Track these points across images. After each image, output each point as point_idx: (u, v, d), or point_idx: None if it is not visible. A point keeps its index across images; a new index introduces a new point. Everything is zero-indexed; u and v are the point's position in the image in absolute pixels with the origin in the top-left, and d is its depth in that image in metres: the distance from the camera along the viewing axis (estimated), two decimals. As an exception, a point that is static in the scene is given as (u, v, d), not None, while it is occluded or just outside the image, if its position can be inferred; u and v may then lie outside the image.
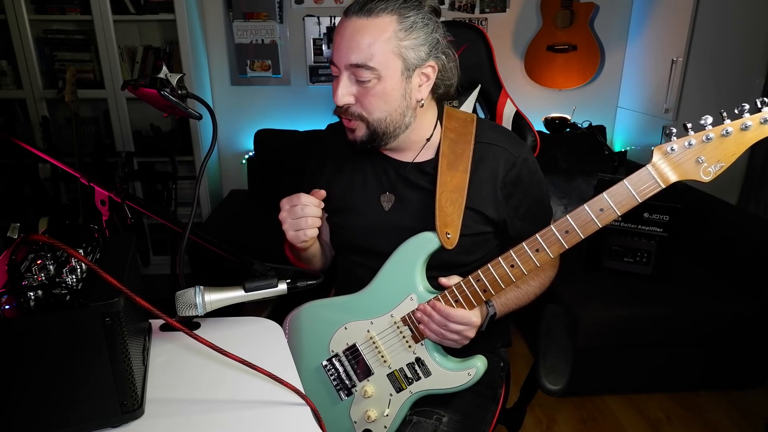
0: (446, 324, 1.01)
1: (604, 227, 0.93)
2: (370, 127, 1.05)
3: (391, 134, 1.06)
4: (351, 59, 0.98)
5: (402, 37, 0.98)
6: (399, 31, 0.98)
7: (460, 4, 3.01)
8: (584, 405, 2.15)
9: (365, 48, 0.97)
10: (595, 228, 0.92)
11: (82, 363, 0.67)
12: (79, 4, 2.69)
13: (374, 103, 1.01)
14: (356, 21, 0.98)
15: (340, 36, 0.99)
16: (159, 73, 0.93)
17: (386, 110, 1.03)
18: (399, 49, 0.98)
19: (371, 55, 0.97)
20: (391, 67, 0.99)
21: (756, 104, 0.81)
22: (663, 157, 0.87)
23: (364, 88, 1.00)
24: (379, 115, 1.03)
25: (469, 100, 1.37)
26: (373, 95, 1.00)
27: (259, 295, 0.88)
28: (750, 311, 2.03)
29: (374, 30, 0.97)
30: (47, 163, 2.71)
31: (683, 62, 2.59)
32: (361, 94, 1.01)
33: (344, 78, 1.01)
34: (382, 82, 0.99)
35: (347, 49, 0.98)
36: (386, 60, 0.98)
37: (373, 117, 1.03)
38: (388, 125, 1.04)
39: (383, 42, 0.97)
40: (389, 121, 1.04)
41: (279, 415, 0.78)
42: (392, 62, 0.99)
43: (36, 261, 0.71)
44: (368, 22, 0.97)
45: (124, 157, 2.83)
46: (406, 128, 1.07)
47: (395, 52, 0.98)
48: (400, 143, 1.10)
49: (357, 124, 1.05)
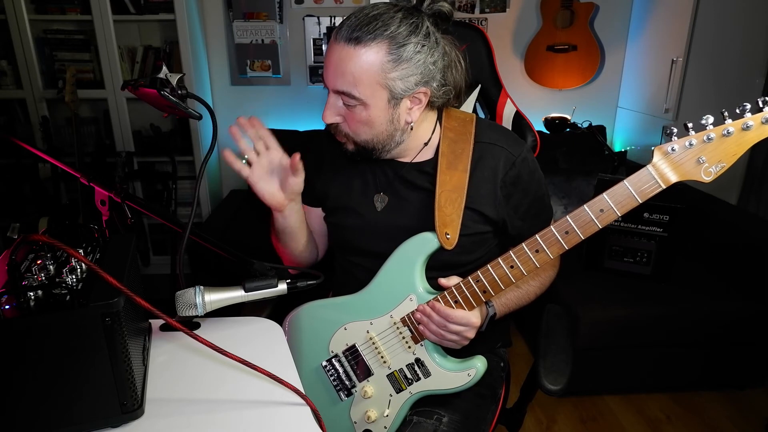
0: (446, 325, 1.01)
1: (604, 227, 0.92)
2: (358, 146, 1.06)
3: (381, 150, 1.07)
4: (336, 85, 0.97)
5: (389, 69, 0.95)
6: (386, 63, 0.94)
7: (460, 4, 3.01)
8: (584, 405, 2.15)
9: (350, 77, 0.95)
10: (596, 229, 0.92)
11: (82, 363, 0.67)
12: (79, 4, 2.69)
13: (359, 128, 1.02)
14: (343, 48, 0.94)
15: (328, 59, 0.98)
16: (159, 73, 0.93)
17: (372, 134, 1.03)
18: (385, 81, 0.96)
19: (355, 85, 0.95)
20: (377, 97, 0.97)
21: (758, 104, 0.81)
22: (663, 158, 0.86)
23: (351, 111, 1.00)
24: (365, 137, 1.03)
25: (469, 100, 1.37)
26: (358, 120, 1.00)
27: (259, 295, 0.88)
28: (750, 311, 2.03)
29: (360, 61, 0.94)
30: (47, 163, 2.71)
31: (683, 62, 2.60)
32: (348, 116, 1.01)
33: (332, 98, 1.01)
34: (367, 109, 0.98)
35: (333, 74, 0.97)
36: (371, 91, 0.96)
37: (360, 138, 1.04)
38: (375, 144, 1.05)
39: (368, 74, 0.94)
40: (376, 141, 1.04)
41: (279, 415, 0.78)
42: (377, 92, 0.97)
43: (36, 261, 0.71)
44: (355, 52, 0.93)
45: (124, 157, 2.83)
46: (398, 145, 1.07)
47: (381, 84, 0.96)
48: (396, 151, 1.10)
49: (345, 140, 1.06)
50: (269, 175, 1.05)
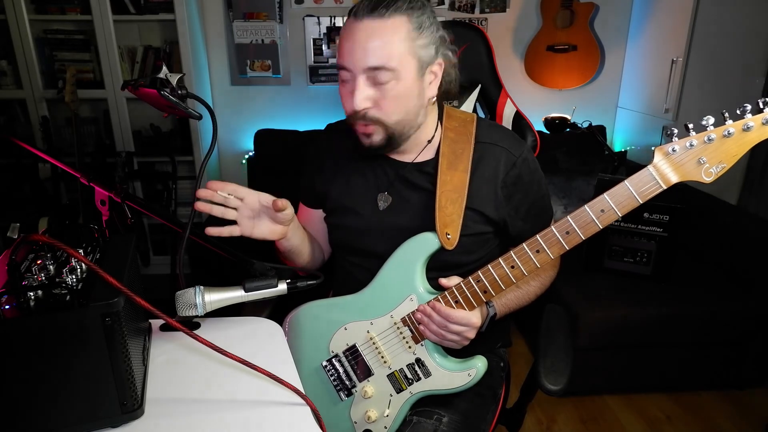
0: (446, 325, 1.01)
1: (605, 228, 0.93)
2: (387, 131, 1.04)
3: (405, 136, 1.06)
4: (369, 62, 0.96)
5: (414, 36, 0.98)
6: (411, 31, 0.98)
7: (460, 4, 3.01)
8: (584, 405, 2.14)
9: (382, 50, 0.96)
10: (596, 229, 0.92)
11: (82, 363, 0.67)
12: (79, 4, 2.69)
13: (393, 105, 1.01)
14: (369, 23, 0.96)
15: (353, 40, 0.97)
16: (159, 73, 0.93)
17: (404, 111, 1.02)
18: (413, 48, 0.98)
19: (389, 57, 0.96)
20: (408, 67, 0.99)
21: (758, 104, 0.81)
22: (664, 158, 0.87)
23: (382, 90, 0.99)
24: (397, 117, 1.02)
25: (469, 100, 1.37)
26: (392, 97, 1.00)
27: (259, 295, 0.88)
28: (750, 311, 2.03)
29: (390, 31, 0.96)
30: (47, 163, 2.70)
31: (683, 62, 2.59)
32: (379, 97, 1.00)
33: (361, 82, 0.99)
34: (401, 82, 0.99)
35: (363, 52, 0.96)
36: (403, 60, 0.98)
37: (392, 119, 1.02)
38: (404, 126, 1.04)
39: (399, 42, 0.96)
40: (405, 122, 1.04)
41: (279, 415, 0.78)
42: (408, 62, 0.98)
43: (36, 261, 0.71)
44: (382, 24, 0.96)
45: (124, 157, 2.82)
46: (417, 128, 1.07)
47: (410, 52, 0.98)
48: (405, 144, 1.10)
49: (374, 129, 1.03)
50: (259, 219, 1.02)
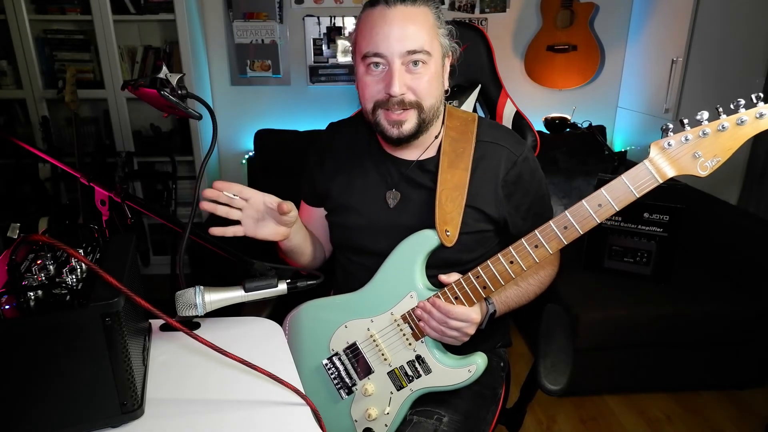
0: (446, 321, 1.01)
1: (605, 227, 0.93)
2: (421, 115, 1.05)
3: (431, 123, 1.08)
4: (407, 46, 0.99)
5: (439, 24, 1.04)
6: (436, 19, 1.04)
7: (460, 4, 3.01)
8: (584, 405, 2.14)
9: (419, 33, 0.99)
10: (594, 223, 0.93)
11: (82, 363, 0.67)
12: (79, 4, 2.69)
13: (427, 88, 1.03)
14: (403, 9, 0.99)
15: (388, 26, 0.99)
16: (159, 73, 0.93)
17: (436, 95, 1.05)
18: (439, 36, 1.04)
19: (425, 40, 1.00)
20: (436, 53, 1.03)
21: (751, 99, 0.82)
22: (660, 153, 0.87)
23: (417, 74, 1.01)
24: (431, 101, 1.04)
25: (469, 100, 1.38)
26: (427, 80, 1.02)
27: (259, 295, 0.88)
28: (750, 311, 2.03)
29: (422, 16, 1.01)
30: (47, 163, 2.71)
31: (683, 62, 2.59)
32: (414, 81, 1.02)
33: (397, 66, 1.00)
34: (432, 66, 1.02)
35: (400, 36, 0.98)
36: (434, 45, 1.02)
37: (428, 103, 1.04)
38: (433, 113, 1.06)
39: (430, 27, 1.02)
40: (434, 108, 1.06)
41: (279, 415, 0.78)
42: (436, 48, 1.03)
43: (36, 261, 0.71)
44: (416, 9, 1.00)
45: (124, 157, 2.83)
46: (437, 119, 1.10)
47: (437, 39, 1.03)
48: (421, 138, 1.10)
49: (409, 115, 1.04)
50: (263, 220, 1.03)
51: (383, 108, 1.04)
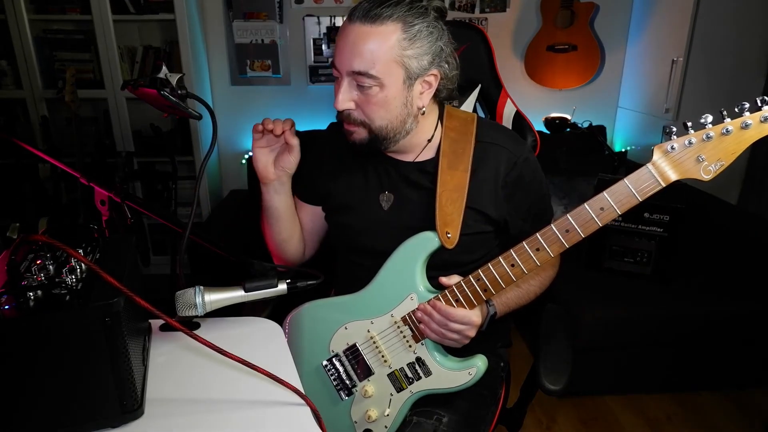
0: (447, 323, 1.01)
1: (605, 227, 0.93)
2: (371, 133, 1.04)
3: (391, 140, 1.06)
4: (353, 66, 0.97)
5: (405, 46, 0.97)
6: (402, 40, 0.97)
7: (460, 4, 3.01)
8: (584, 405, 2.14)
9: (368, 55, 0.96)
10: (596, 227, 0.92)
11: (82, 363, 0.67)
12: (79, 4, 2.69)
13: (375, 111, 1.01)
14: (360, 27, 0.96)
15: (343, 41, 0.98)
16: (159, 73, 0.93)
17: (387, 118, 1.02)
18: (402, 58, 0.97)
19: (373, 63, 0.96)
20: (393, 76, 0.98)
21: (756, 102, 0.81)
22: (663, 156, 0.87)
23: (366, 95, 0.99)
24: (380, 123, 1.03)
25: (469, 100, 1.37)
26: (374, 103, 1.00)
27: (259, 295, 0.88)
28: (750, 311, 2.03)
29: (377, 38, 0.95)
30: (47, 163, 2.70)
31: (683, 62, 2.59)
32: (362, 100, 1.01)
33: (345, 83, 1.00)
34: (384, 90, 0.99)
35: (350, 55, 0.97)
36: (388, 69, 0.97)
37: (375, 124, 1.03)
38: (388, 132, 1.04)
39: (386, 50, 0.96)
40: (390, 128, 1.04)
41: (279, 415, 0.78)
42: (394, 71, 0.98)
43: (36, 261, 0.71)
44: (372, 30, 0.96)
45: (124, 157, 2.82)
46: (407, 134, 1.07)
47: (397, 62, 0.97)
48: (401, 146, 1.10)
49: (357, 129, 1.05)
50: (269, 150, 1.13)
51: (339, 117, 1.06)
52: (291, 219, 1.21)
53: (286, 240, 1.22)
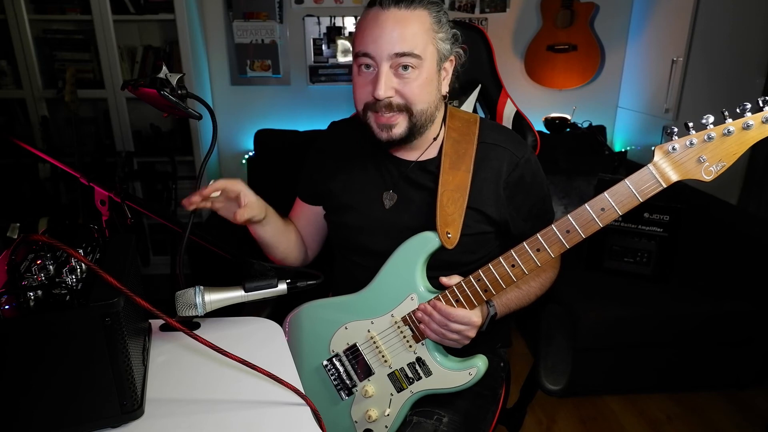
0: (447, 324, 1.01)
1: (605, 227, 0.93)
2: (411, 120, 1.04)
3: (424, 128, 1.07)
4: (397, 48, 0.98)
5: (436, 29, 1.02)
6: (434, 23, 1.02)
7: (460, 4, 3.01)
8: (584, 405, 2.14)
9: (411, 37, 0.98)
10: (597, 228, 0.92)
11: (82, 363, 0.67)
12: (79, 4, 2.69)
13: (417, 93, 1.02)
14: (397, 12, 0.99)
15: (379, 28, 0.99)
16: (159, 73, 0.93)
17: (427, 101, 1.04)
18: (435, 41, 1.02)
19: (416, 44, 0.99)
20: (430, 57, 1.02)
21: (758, 103, 0.81)
22: (664, 157, 0.87)
23: (406, 78, 1.01)
24: (421, 106, 1.03)
25: (469, 100, 1.37)
26: (417, 85, 1.01)
27: (259, 295, 0.88)
28: (750, 311, 2.02)
29: (416, 20, 1.00)
30: (47, 163, 2.70)
31: (683, 62, 2.59)
32: (402, 85, 1.01)
33: (385, 69, 1.00)
34: (424, 71, 1.01)
35: (390, 39, 0.98)
36: (427, 49, 1.01)
37: (417, 108, 1.03)
38: (425, 118, 1.05)
39: (424, 32, 1.00)
40: (429, 112, 1.05)
41: (279, 415, 0.78)
42: (431, 52, 1.02)
43: (36, 261, 0.71)
44: (409, 13, 0.99)
45: (124, 157, 2.82)
46: (432, 124, 1.09)
47: (432, 43, 1.02)
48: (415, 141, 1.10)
49: (399, 119, 1.04)
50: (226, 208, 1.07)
51: (372, 111, 1.04)
52: (284, 241, 1.21)
53: (285, 257, 1.24)
